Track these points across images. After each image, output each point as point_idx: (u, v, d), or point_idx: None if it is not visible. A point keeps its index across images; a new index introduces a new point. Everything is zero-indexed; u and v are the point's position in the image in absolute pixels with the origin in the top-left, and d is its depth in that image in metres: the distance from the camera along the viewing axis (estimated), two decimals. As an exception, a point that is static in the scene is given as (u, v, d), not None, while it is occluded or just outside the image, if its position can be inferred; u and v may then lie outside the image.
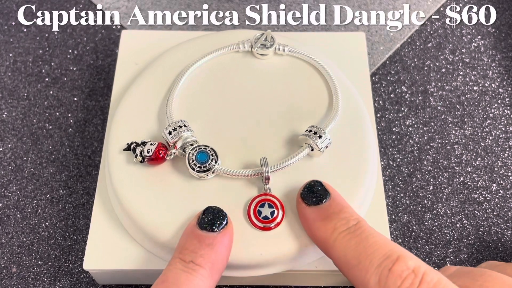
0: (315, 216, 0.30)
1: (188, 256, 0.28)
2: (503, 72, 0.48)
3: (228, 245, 0.30)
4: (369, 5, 0.52)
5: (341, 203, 0.30)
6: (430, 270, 0.25)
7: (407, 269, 0.25)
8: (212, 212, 0.30)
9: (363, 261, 0.26)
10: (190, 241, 0.29)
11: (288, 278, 0.36)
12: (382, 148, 0.44)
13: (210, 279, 0.28)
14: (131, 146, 0.34)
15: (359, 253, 0.26)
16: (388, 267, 0.25)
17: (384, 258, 0.25)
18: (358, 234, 0.27)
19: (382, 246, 0.26)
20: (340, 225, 0.28)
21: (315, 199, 0.30)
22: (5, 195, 0.41)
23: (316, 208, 0.30)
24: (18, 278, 0.38)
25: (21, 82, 0.47)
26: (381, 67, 0.49)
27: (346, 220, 0.28)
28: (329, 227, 0.28)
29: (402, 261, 0.25)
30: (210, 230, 0.30)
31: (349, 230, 0.28)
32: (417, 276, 0.24)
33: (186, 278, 0.27)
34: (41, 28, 0.51)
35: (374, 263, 0.25)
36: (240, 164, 0.35)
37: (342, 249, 0.27)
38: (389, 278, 0.25)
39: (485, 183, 0.42)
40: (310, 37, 0.44)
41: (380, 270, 0.25)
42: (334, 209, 0.29)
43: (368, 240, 0.27)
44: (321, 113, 0.37)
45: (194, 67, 0.38)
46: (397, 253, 0.25)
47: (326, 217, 0.29)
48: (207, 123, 0.36)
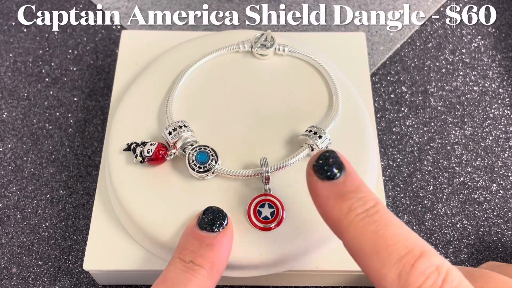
0: (328, 193, 0.26)
1: (188, 256, 0.28)
2: (503, 72, 0.48)
3: (228, 245, 0.30)
4: (369, 5, 0.52)
5: (357, 180, 0.27)
6: (452, 268, 0.23)
7: (431, 266, 0.23)
8: (212, 212, 0.31)
9: (381, 251, 0.24)
10: (190, 241, 0.29)
11: (288, 278, 0.36)
12: (382, 148, 0.44)
13: (209, 279, 0.28)
14: (131, 146, 0.34)
15: (376, 242, 0.24)
16: (411, 263, 0.23)
17: (406, 251, 0.23)
18: (376, 219, 0.25)
19: (403, 237, 0.24)
20: (357, 206, 0.25)
21: (329, 173, 0.26)
22: (5, 195, 0.41)
23: (330, 183, 0.26)
24: (18, 279, 0.38)
25: (21, 82, 0.47)
26: (381, 67, 0.49)
27: (364, 200, 0.25)
28: (345, 207, 0.25)
29: (426, 257, 0.23)
30: (210, 230, 0.30)
31: (367, 212, 0.25)
32: (440, 275, 0.23)
33: (186, 278, 0.27)
34: (41, 28, 0.51)
35: (394, 256, 0.23)
36: (240, 164, 0.35)
37: (358, 234, 0.25)
38: (411, 275, 0.23)
39: (485, 183, 0.42)
40: (310, 37, 0.44)
41: (402, 265, 0.23)
42: (350, 187, 0.26)
43: (388, 228, 0.24)
44: (321, 113, 0.37)
45: (194, 67, 0.38)
46: (420, 248, 0.24)
47: (342, 195, 0.26)
48: (207, 123, 0.36)
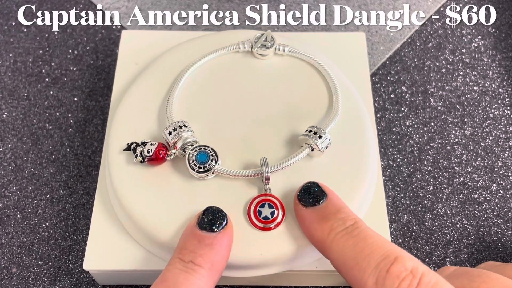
0: (312, 217, 0.30)
1: (187, 256, 0.28)
2: (503, 72, 0.48)
3: (227, 245, 0.30)
4: (369, 5, 0.52)
5: (338, 204, 0.30)
6: (428, 271, 0.25)
7: (405, 270, 0.24)
8: (212, 212, 0.30)
9: (360, 262, 0.26)
10: (189, 241, 0.29)
11: (288, 278, 0.36)
12: (382, 148, 0.44)
13: (209, 279, 0.28)
14: (131, 146, 0.34)
15: (356, 253, 0.26)
16: (386, 268, 0.25)
17: (382, 258, 0.25)
18: (355, 234, 0.27)
19: (380, 246, 0.26)
20: (337, 225, 0.28)
21: (311, 200, 0.30)
22: (5, 195, 0.41)
23: (313, 209, 0.30)
24: (18, 278, 0.38)
25: (21, 82, 0.47)
26: (381, 67, 0.49)
27: (343, 220, 0.28)
28: (326, 228, 0.28)
29: (400, 262, 0.25)
30: (210, 230, 0.30)
31: (347, 230, 0.28)
32: (415, 277, 0.24)
33: (185, 278, 0.27)
34: (41, 28, 0.51)
35: (371, 264, 0.25)
36: (240, 164, 0.35)
37: (340, 249, 0.27)
38: (387, 279, 0.24)
39: (485, 183, 0.42)
40: (310, 37, 0.44)
41: (378, 271, 0.25)
42: (331, 210, 0.29)
43: (366, 240, 0.27)
44: (321, 113, 0.37)
45: (194, 67, 0.38)
46: (395, 254, 0.25)
47: (323, 217, 0.29)
48: (207, 123, 0.36)
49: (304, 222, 0.30)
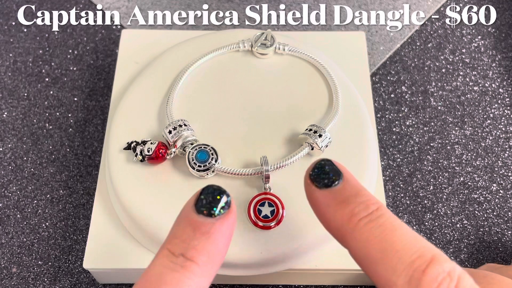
0: (328, 200, 0.25)
1: (178, 247, 0.23)
2: (503, 72, 0.48)
3: (228, 234, 0.25)
4: (369, 5, 0.52)
5: (356, 185, 0.26)
6: (464, 274, 0.22)
7: (443, 272, 0.22)
8: (212, 192, 0.24)
9: (389, 256, 0.23)
10: (182, 229, 0.24)
11: (288, 277, 0.36)
12: (382, 148, 0.44)
13: (203, 277, 0.23)
14: (131, 145, 0.34)
15: (384, 246, 0.23)
16: (422, 268, 0.22)
17: (416, 256, 0.22)
18: (381, 222, 0.24)
19: (412, 241, 0.23)
20: (359, 210, 0.24)
21: (327, 181, 0.26)
22: (5, 195, 0.41)
23: (328, 191, 0.25)
24: (18, 278, 0.38)
25: (21, 82, 0.47)
26: (381, 67, 0.49)
27: (365, 204, 0.24)
28: (346, 213, 0.24)
29: (438, 263, 0.22)
30: (208, 215, 0.24)
31: (370, 217, 0.24)
32: (453, 281, 0.22)
33: (173, 279, 0.22)
34: (41, 28, 0.51)
35: (403, 261, 0.22)
36: (240, 163, 0.35)
37: (363, 239, 0.23)
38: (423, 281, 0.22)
39: (485, 183, 0.42)
40: (310, 36, 0.44)
41: (412, 271, 0.22)
42: (350, 192, 0.25)
43: (395, 231, 0.23)
44: (321, 112, 0.37)
45: (194, 67, 0.38)
46: (431, 252, 0.22)
47: (342, 201, 0.25)
48: (207, 122, 0.36)
49: (319, 206, 0.26)
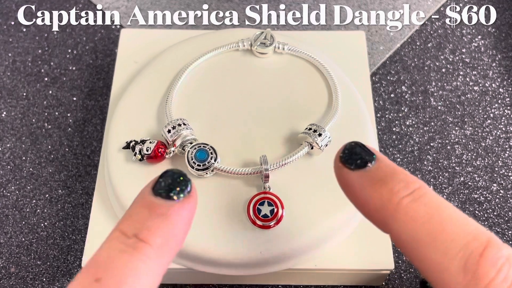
0: (364, 181, 0.23)
1: (131, 228, 0.22)
2: (503, 72, 0.48)
3: (187, 219, 0.23)
4: (369, 5, 0.52)
5: (392, 164, 0.24)
6: None
7: (502, 257, 0.20)
8: (171, 175, 0.23)
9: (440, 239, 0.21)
10: (138, 209, 0.22)
11: (287, 276, 0.36)
12: (382, 148, 0.44)
13: (157, 261, 0.21)
14: (130, 144, 0.34)
15: (433, 228, 0.21)
16: (479, 252, 0.20)
17: (471, 238, 0.20)
18: (426, 201, 0.22)
19: (463, 222, 0.21)
20: (399, 188, 0.22)
21: (360, 161, 0.24)
22: (4, 195, 0.41)
23: (363, 172, 0.24)
24: (17, 278, 0.38)
25: (20, 81, 0.47)
26: (381, 67, 0.49)
27: (406, 182, 0.22)
28: (385, 192, 0.22)
29: (495, 246, 0.20)
30: (167, 198, 0.22)
31: (413, 196, 0.22)
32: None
33: (124, 261, 0.20)
34: (41, 28, 0.51)
35: (457, 244, 0.20)
36: (239, 162, 0.34)
37: (408, 220, 0.21)
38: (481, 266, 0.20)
39: (485, 183, 0.42)
40: (310, 36, 0.44)
41: (468, 254, 0.20)
42: (386, 171, 0.23)
43: (442, 212, 0.21)
44: (321, 111, 0.37)
45: (193, 66, 0.38)
46: (486, 235, 0.20)
47: (379, 180, 0.23)
48: (207, 121, 0.36)
49: (354, 189, 0.24)
